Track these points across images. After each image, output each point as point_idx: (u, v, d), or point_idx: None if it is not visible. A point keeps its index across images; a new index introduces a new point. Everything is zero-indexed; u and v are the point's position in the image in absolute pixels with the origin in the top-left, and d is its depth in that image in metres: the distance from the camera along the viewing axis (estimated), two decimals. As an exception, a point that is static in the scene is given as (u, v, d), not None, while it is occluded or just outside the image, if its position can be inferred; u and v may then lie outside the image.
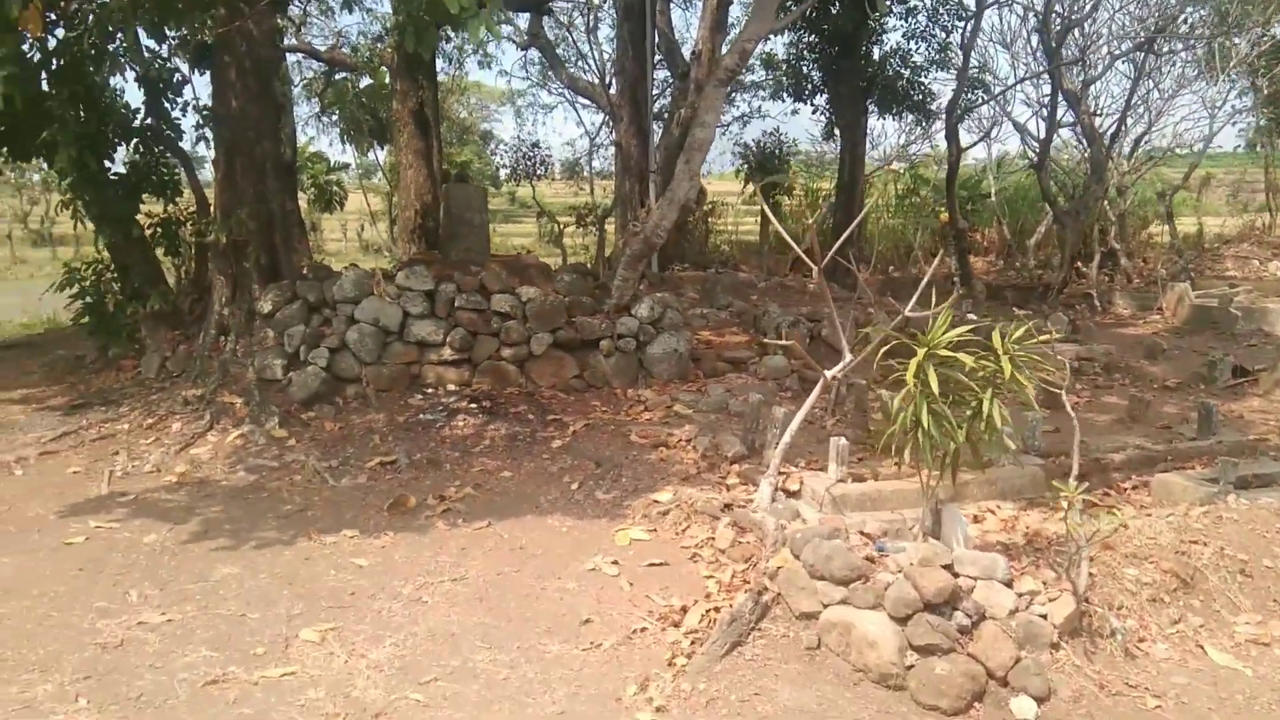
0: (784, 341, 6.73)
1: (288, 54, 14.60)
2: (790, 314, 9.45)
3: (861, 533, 4.66)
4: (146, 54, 8.93)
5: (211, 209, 9.11)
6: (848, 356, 5.68)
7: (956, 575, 4.16)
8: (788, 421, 5.93)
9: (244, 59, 8.41)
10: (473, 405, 8.16)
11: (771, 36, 13.20)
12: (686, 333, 9.27)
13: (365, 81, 22.06)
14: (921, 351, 4.45)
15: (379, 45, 14.14)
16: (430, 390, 8.54)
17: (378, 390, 8.43)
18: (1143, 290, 17.72)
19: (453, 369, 8.63)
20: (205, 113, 9.08)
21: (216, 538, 5.65)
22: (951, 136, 14.42)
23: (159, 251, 10.11)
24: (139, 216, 9.79)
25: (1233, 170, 31.60)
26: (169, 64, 9.26)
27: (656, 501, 6.07)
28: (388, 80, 13.60)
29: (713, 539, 5.45)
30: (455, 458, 7.17)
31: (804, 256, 5.61)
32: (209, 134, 9.33)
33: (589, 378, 8.82)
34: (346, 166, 24.96)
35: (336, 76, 17.40)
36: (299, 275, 9.16)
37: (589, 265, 13.72)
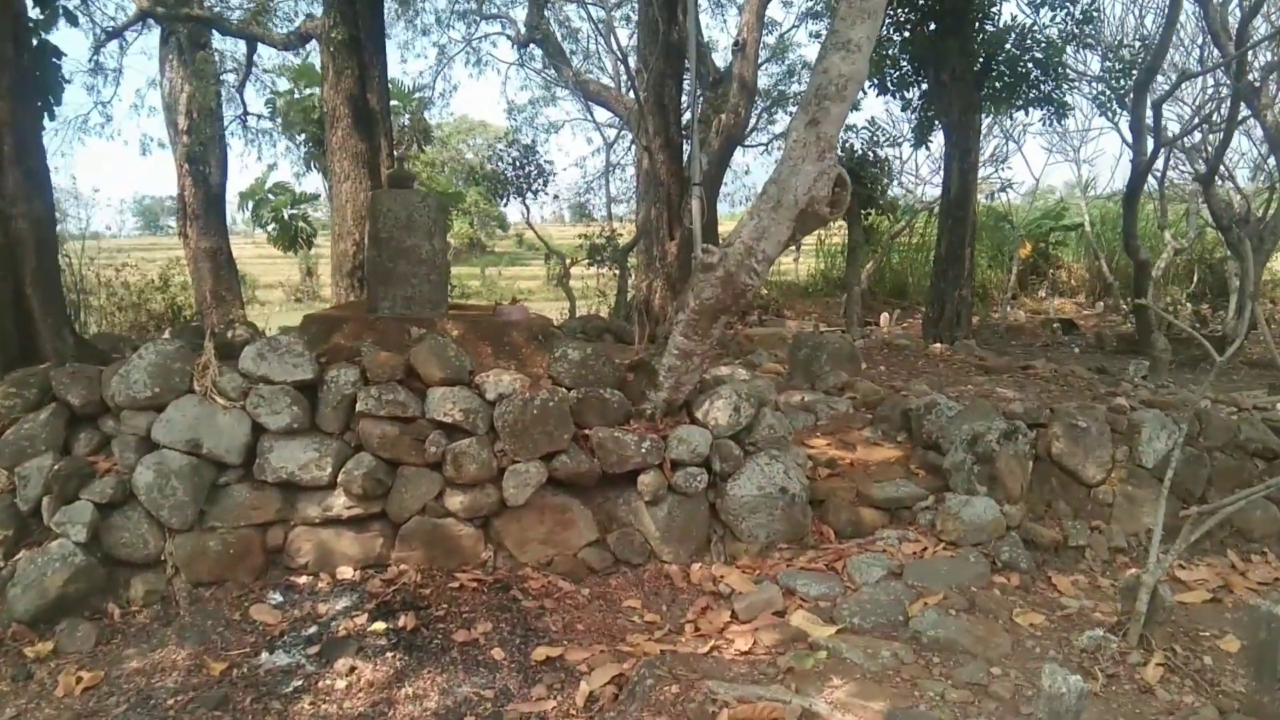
0: None
1: (182, 24, 10.61)
2: (977, 409, 5.19)
3: None
4: None
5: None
6: None
7: None
8: None
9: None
10: (380, 626, 3.91)
11: None
12: (798, 452, 5.02)
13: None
14: None
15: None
16: (302, 581, 4.31)
17: (195, 585, 4.22)
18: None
19: (351, 534, 4.41)
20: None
21: None
22: (1139, 128, 10.13)
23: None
24: None
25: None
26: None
27: None
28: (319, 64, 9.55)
29: None
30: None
31: None
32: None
33: (616, 545, 4.58)
34: (316, 197, 20.93)
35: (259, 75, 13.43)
36: (81, 353, 5.00)
37: (609, 319, 9.55)
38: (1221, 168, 14.68)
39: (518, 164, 10.67)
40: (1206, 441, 5.30)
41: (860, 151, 11.08)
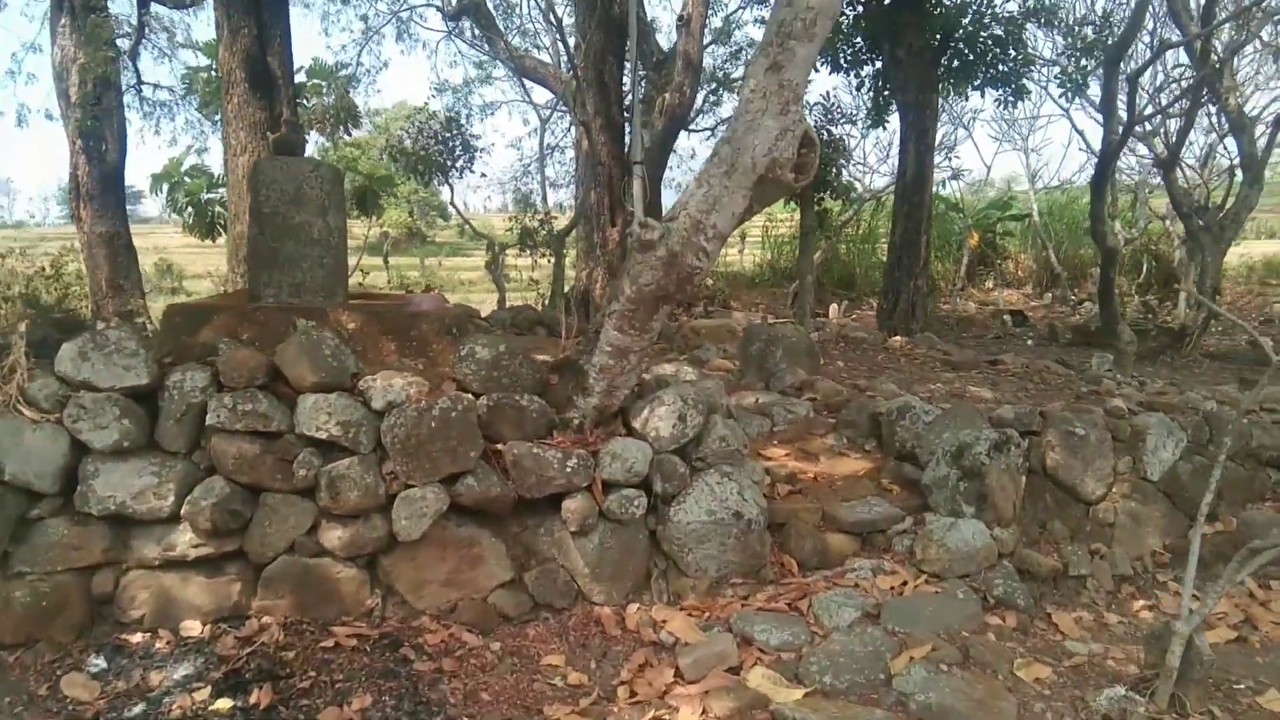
0: None
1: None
2: (958, 414, 4.49)
3: None
4: None
5: None
6: None
7: None
8: None
9: None
10: (225, 705, 3.04)
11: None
12: (754, 467, 4.25)
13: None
14: None
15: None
16: (136, 640, 3.42)
17: (-8, 649, 3.31)
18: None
19: (200, 579, 3.53)
20: None
21: None
22: (1110, 105, 9.51)
23: None
24: None
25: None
26: None
27: None
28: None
29: None
30: None
31: None
32: None
33: (535, 586, 3.76)
34: (235, 182, 19.63)
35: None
36: None
37: (544, 310, 8.72)
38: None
39: (439, 138, 9.72)
40: (1217, 449, 4.64)
41: (813, 128, 10.34)
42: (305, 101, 15.40)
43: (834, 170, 9.54)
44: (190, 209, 19.50)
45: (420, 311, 5.14)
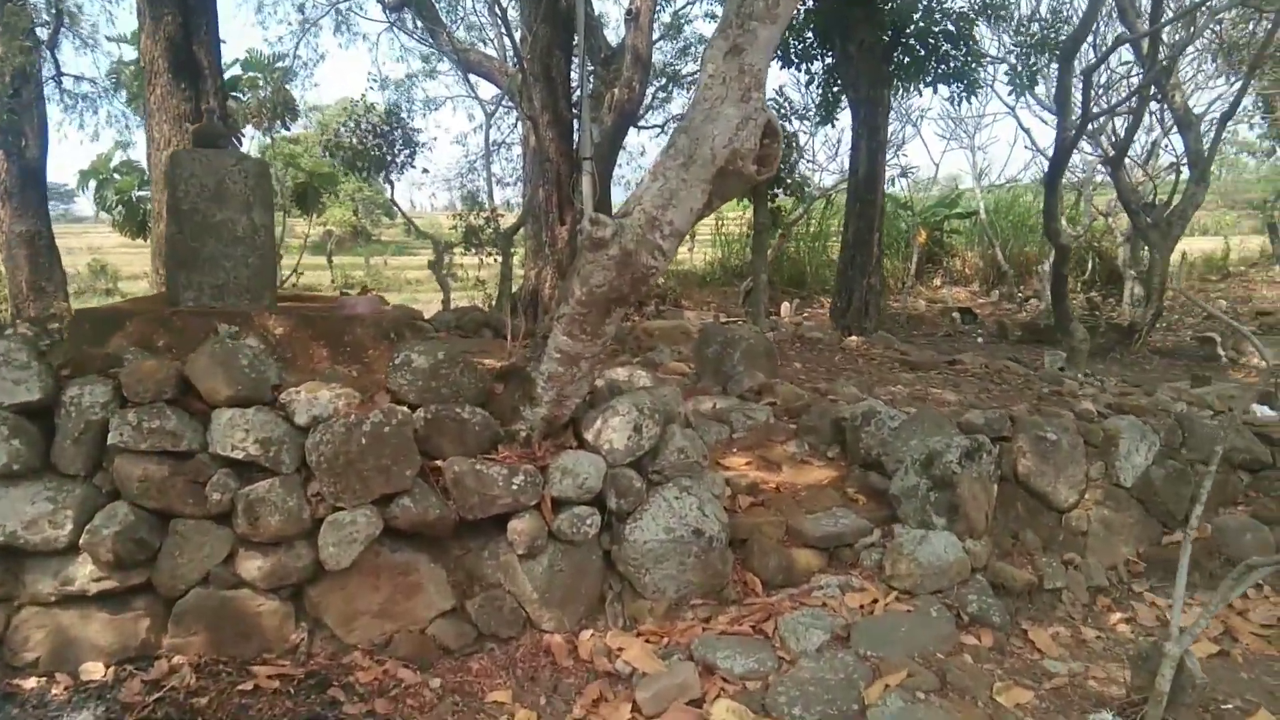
0: None
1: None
2: (925, 420, 4.27)
3: None
4: None
5: None
6: None
7: None
8: None
9: None
10: (123, 762, 2.70)
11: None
12: (714, 479, 3.99)
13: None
14: None
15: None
16: (30, 685, 3.05)
17: None
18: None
19: (103, 616, 3.16)
20: None
21: None
22: (1064, 99, 9.42)
23: None
24: None
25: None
26: None
27: None
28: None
29: None
30: None
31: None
32: None
33: (479, 614, 3.46)
34: (168, 179, 18.86)
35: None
36: None
37: (490, 311, 8.39)
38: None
39: (378, 132, 9.31)
40: (1190, 453, 4.52)
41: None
42: (241, 95, 14.84)
43: (788, 166, 9.35)
44: (120, 207, 18.73)
45: (355, 315, 4.81)
